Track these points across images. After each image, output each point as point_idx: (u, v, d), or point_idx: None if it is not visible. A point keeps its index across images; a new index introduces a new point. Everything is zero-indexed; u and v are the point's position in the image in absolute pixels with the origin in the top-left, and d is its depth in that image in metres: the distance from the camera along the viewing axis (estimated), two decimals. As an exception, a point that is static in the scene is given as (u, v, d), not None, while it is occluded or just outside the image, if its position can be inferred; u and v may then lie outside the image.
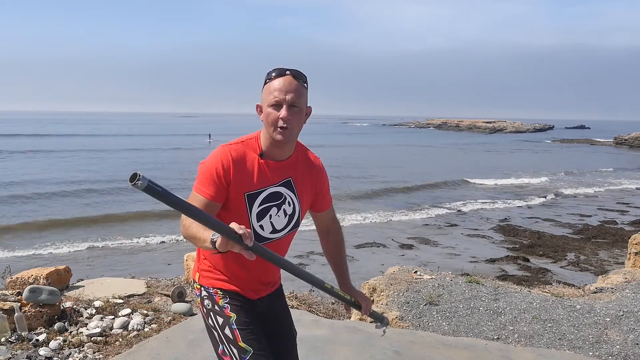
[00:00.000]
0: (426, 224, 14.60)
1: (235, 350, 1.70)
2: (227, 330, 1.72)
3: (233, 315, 1.73)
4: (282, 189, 1.73)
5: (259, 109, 1.69)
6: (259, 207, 1.69)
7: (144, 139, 54.24)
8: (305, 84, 1.67)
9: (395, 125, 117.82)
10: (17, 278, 4.56)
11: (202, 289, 1.82)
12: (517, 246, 11.92)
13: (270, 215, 1.71)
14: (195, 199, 1.63)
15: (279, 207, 1.73)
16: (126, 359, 3.15)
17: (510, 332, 3.83)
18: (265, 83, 1.66)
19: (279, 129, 1.62)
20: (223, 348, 1.74)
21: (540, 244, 12.02)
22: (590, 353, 3.49)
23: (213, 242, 1.39)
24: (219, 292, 1.78)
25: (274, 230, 1.74)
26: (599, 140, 64.08)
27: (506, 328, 3.89)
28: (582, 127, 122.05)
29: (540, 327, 3.88)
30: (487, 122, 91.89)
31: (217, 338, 1.76)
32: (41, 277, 4.53)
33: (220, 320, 1.74)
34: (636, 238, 6.04)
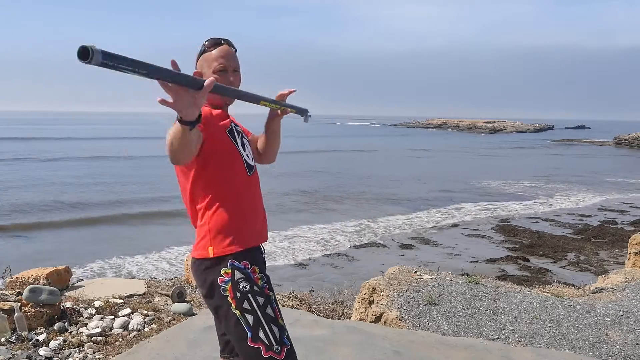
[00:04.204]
0: (426, 224, 14.60)
1: (276, 330, 1.73)
2: (268, 310, 1.74)
3: (272, 294, 1.78)
4: (234, 125, 1.93)
5: (198, 77, 1.78)
6: (238, 137, 1.88)
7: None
8: (236, 50, 1.88)
9: (396, 125, 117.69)
10: (17, 278, 4.57)
11: (235, 270, 1.73)
12: (517, 246, 11.93)
13: (244, 143, 1.91)
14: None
15: (243, 136, 1.95)
16: (126, 359, 3.15)
17: (510, 332, 3.83)
18: (202, 53, 1.83)
19: None
20: (257, 333, 1.70)
21: (540, 244, 12.03)
22: (590, 353, 3.49)
23: (179, 119, 1.40)
24: (256, 270, 1.76)
25: (252, 158, 1.94)
26: (599, 140, 63.92)
27: (506, 328, 3.89)
28: (582, 127, 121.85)
29: (540, 327, 3.88)
30: (487, 122, 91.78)
31: (253, 322, 1.71)
32: (41, 277, 4.53)
33: (262, 300, 1.74)
34: (636, 238, 6.05)
